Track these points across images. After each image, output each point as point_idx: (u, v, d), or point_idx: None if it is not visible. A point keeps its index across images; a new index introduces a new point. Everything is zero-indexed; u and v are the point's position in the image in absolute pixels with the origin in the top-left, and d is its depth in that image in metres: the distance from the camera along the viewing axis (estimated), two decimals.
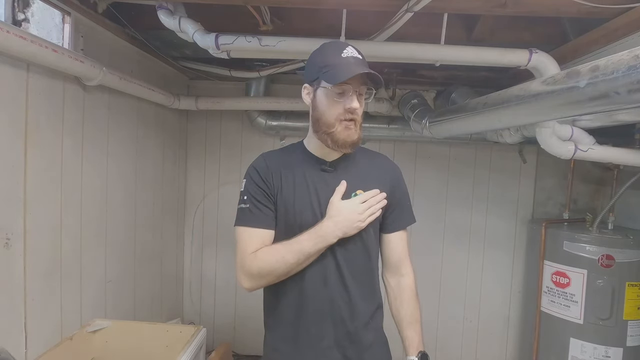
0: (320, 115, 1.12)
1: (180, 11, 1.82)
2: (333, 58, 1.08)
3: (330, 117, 1.10)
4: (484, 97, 1.83)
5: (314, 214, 1.13)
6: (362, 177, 1.19)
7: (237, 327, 3.19)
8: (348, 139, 1.11)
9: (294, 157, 1.20)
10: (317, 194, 1.15)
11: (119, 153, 2.13)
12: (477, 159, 3.08)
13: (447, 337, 3.14)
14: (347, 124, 1.10)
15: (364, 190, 1.16)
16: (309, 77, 1.15)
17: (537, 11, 1.65)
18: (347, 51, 1.09)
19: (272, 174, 1.16)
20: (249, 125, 3.04)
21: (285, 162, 1.19)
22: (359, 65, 1.07)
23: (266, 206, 1.14)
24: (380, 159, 1.29)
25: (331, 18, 1.83)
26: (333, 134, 1.10)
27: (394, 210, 1.23)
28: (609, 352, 2.23)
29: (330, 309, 1.14)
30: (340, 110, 1.09)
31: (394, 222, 1.24)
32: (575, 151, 1.96)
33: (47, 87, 1.59)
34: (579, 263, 2.29)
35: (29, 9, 1.61)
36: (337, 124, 1.10)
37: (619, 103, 1.04)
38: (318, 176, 1.17)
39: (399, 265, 1.26)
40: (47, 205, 1.62)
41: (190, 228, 3.19)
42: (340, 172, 1.18)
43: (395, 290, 1.26)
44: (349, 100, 1.09)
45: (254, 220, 1.13)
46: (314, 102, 1.14)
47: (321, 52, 1.14)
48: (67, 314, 1.73)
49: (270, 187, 1.15)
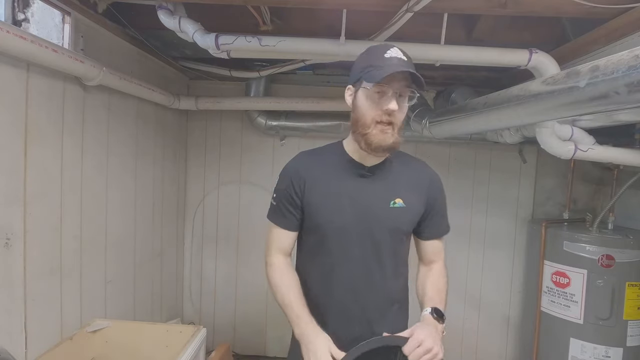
0: (359, 116, 1.10)
1: (180, 11, 1.82)
2: (376, 59, 1.06)
3: (367, 118, 1.08)
4: (484, 97, 1.83)
5: (342, 218, 1.14)
6: (401, 185, 1.18)
7: (237, 327, 3.18)
8: (383, 142, 1.08)
9: (331, 160, 1.20)
10: (350, 199, 1.14)
11: (119, 153, 2.13)
12: (477, 159, 3.08)
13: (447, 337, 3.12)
14: (384, 127, 1.07)
15: (402, 199, 1.15)
16: (352, 78, 1.14)
17: (537, 11, 1.65)
18: (391, 52, 1.07)
19: (305, 177, 1.17)
20: (249, 125, 3.04)
21: (321, 165, 1.19)
22: (400, 66, 1.04)
23: (289, 210, 1.18)
24: (419, 166, 1.27)
25: (331, 18, 1.83)
26: (367, 135, 1.08)
27: (431, 219, 1.23)
28: (609, 352, 2.23)
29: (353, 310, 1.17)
30: (377, 112, 1.06)
31: (429, 230, 1.25)
32: (575, 151, 1.96)
33: (47, 87, 1.59)
34: (579, 263, 2.29)
35: (29, 9, 1.61)
36: (372, 125, 1.07)
37: (619, 103, 1.04)
38: (353, 180, 1.16)
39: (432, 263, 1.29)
40: (47, 205, 1.62)
41: (190, 228, 3.19)
42: (378, 178, 1.17)
43: (423, 273, 1.28)
44: (387, 101, 1.06)
45: (277, 219, 1.21)
46: (354, 102, 1.12)
47: (366, 53, 1.13)
48: (67, 314, 1.73)
49: (297, 192, 1.17)
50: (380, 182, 1.16)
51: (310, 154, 1.24)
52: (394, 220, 1.17)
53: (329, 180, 1.16)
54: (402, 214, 1.17)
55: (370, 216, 1.15)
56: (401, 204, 1.16)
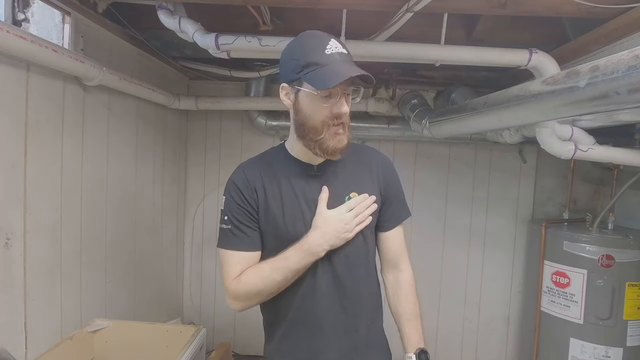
0: (304, 119, 1.01)
1: (180, 11, 1.82)
2: (315, 55, 0.95)
3: (316, 123, 0.99)
4: (484, 97, 1.83)
5: (305, 225, 1.05)
6: (353, 178, 1.11)
7: (237, 327, 3.19)
8: (338, 145, 1.01)
9: (277, 164, 1.10)
10: (307, 202, 1.06)
11: (119, 153, 2.13)
12: (477, 159, 3.08)
13: (447, 337, 3.14)
14: (336, 129, 1.00)
15: (357, 192, 1.09)
16: (287, 76, 1.02)
17: (537, 11, 1.65)
18: (331, 46, 0.96)
19: (254, 188, 1.06)
20: (249, 125, 3.04)
21: (268, 172, 1.09)
22: (346, 65, 0.95)
23: (248, 226, 1.06)
24: (369, 155, 1.19)
25: (331, 18, 1.83)
26: (321, 141, 1.00)
27: (389, 206, 1.16)
28: (609, 352, 2.23)
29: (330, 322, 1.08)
30: (327, 115, 0.98)
31: (390, 219, 1.17)
32: (575, 151, 1.96)
33: (47, 87, 1.59)
34: (579, 263, 2.29)
35: (29, 9, 1.61)
36: (324, 129, 0.99)
37: (619, 103, 1.04)
38: (306, 183, 1.08)
39: (396, 262, 1.20)
40: (47, 205, 1.62)
41: (190, 228, 3.19)
42: (330, 176, 1.09)
43: (394, 286, 1.20)
44: (338, 105, 0.98)
45: (236, 243, 1.06)
46: (296, 105, 1.02)
47: (300, 46, 1.00)
48: (67, 314, 1.73)
49: (252, 205, 1.06)
50: (332, 179, 1.08)
51: (253, 163, 1.13)
52: None
53: (281, 186, 1.06)
54: None
55: None
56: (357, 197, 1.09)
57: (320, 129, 0.99)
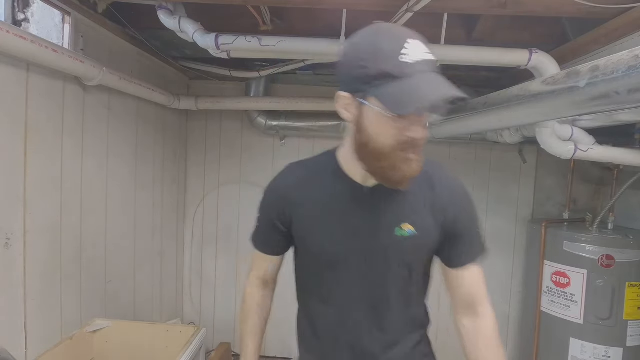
0: (367, 140, 0.80)
1: (180, 11, 1.82)
2: (391, 62, 0.73)
3: (384, 147, 0.79)
4: (484, 97, 1.82)
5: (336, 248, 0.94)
6: (410, 206, 0.92)
7: (237, 327, 3.18)
8: (407, 173, 0.81)
9: (325, 177, 0.95)
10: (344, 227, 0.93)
11: (119, 153, 2.13)
12: (477, 159, 3.08)
13: (447, 338, 3.13)
14: (408, 155, 0.80)
15: (411, 224, 0.91)
16: (350, 85, 0.80)
17: (537, 11, 1.65)
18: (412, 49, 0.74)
19: (290, 203, 0.96)
20: (249, 125, 3.04)
21: (311, 185, 0.96)
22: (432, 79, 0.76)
23: (270, 235, 1.04)
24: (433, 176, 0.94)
25: (331, 18, 1.83)
26: (387, 169, 0.81)
27: (459, 241, 0.97)
28: (609, 352, 2.23)
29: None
30: (399, 140, 0.78)
31: (459, 255, 0.99)
32: (575, 151, 1.96)
33: (47, 87, 1.59)
34: (579, 263, 2.29)
35: (29, 9, 1.61)
36: (393, 155, 0.79)
37: (619, 103, 1.04)
38: (349, 205, 0.92)
39: (473, 305, 1.02)
40: (47, 205, 1.62)
41: (190, 228, 3.19)
42: (381, 202, 0.91)
43: (471, 334, 1.04)
44: (414, 128, 0.78)
45: (258, 242, 1.08)
46: (360, 122, 0.81)
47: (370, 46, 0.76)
48: (67, 314, 1.73)
49: (280, 219, 0.99)
50: (383, 203, 0.91)
51: (300, 170, 1.01)
52: (400, 252, 0.93)
53: (323, 203, 0.94)
54: (411, 244, 0.92)
55: (369, 249, 0.93)
56: (411, 231, 0.91)
57: (387, 155, 0.80)
